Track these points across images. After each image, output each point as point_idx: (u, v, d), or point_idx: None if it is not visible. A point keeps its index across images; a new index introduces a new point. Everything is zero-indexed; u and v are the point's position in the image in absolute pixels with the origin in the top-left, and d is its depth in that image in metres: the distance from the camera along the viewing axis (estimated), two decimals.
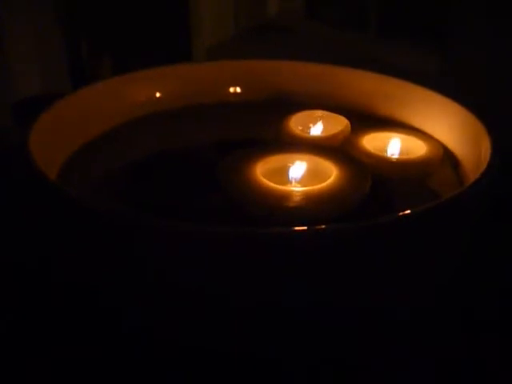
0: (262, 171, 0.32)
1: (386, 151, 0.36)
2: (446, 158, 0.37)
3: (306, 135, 0.38)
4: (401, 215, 0.26)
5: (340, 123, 0.38)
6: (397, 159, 0.36)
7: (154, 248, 0.26)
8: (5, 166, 0.47)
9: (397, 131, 0.38)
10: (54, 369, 0.32)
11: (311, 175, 0.32)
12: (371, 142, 0.36)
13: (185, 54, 1.02)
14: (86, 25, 0.82)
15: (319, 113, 0.39)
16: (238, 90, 0.44)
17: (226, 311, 0.27)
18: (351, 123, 0.38)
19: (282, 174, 0.32)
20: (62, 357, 0.33)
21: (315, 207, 0.30)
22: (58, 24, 0.77)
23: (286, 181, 0.32)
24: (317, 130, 0.38)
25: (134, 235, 0.26)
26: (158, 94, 0.42)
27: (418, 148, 0.36)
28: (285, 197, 0.30)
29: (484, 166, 0.30)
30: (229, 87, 0.44)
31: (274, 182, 0.31)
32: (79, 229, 0.28)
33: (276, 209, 0.30)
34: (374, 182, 0.32)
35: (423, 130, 0.39)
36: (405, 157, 0.36)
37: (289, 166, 0.33)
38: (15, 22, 0.70)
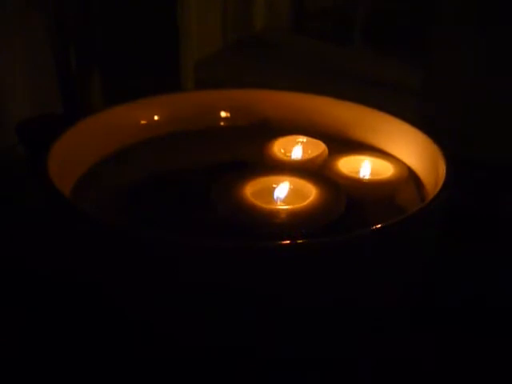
0: (251, 192, 0.36)
1: (359, 173, 0.40)
2: (409, 178, 0.40)
3: (288, 158, 0.41)
4: (373, 229, 0.30)
5: (318, 148, 0.42)
6: (368, 180, 0.40)
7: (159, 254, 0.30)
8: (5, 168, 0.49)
9: (368, 154, 0.41)
10: (53, 368, 0.33)
11: (293, 195, 0.36)
12: (346, 165, 0.40)
13: (173, 67, 1.03)
14: (74, 38, 0.82)
15: (300, 138, 0.43)
16: (227, 116, 0.47)
17: (224, 311, 0.31)
18: (328, 148, 0.42)
19: (268, 194, 0.36)
20: (61, 357, 0.34)
21: (297, 224, 0.34)
22: (48, 39, 0.78)
23: (272, 200, 0.36)
24: (297, 153, 0.42)
25: (138, 245, 0.30)
26: (156, 118, 0.45)
27: (386, 170, 0.40)
28: (271, 215, 0.34)
29: (440, 184, 0.34)
30: (218, 114, 0.47)
31: (262, 202, 0.35)
32: (85, 235, 0.32)
33: (264, 225, 0.34)
34: (349, 200, 0.36)
35: (390, 153, 0.43)
36: (375, 178, 0.40)
37: (274, 187, 0.37)
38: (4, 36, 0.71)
